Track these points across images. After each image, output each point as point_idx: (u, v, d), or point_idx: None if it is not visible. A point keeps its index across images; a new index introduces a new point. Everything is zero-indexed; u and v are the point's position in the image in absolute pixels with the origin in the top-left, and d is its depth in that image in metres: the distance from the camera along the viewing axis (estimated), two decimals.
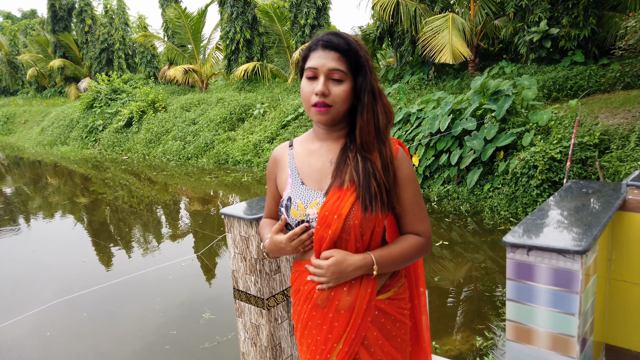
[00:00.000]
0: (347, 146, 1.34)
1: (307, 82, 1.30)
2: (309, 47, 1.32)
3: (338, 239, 1.29)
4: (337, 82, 1.27)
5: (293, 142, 1.48)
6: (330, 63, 1.26)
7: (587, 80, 9.20)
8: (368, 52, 1.32)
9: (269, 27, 16.56)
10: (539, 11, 10.01)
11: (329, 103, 1.27)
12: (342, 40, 1.27)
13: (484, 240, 6.07)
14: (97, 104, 17.06)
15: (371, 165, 1.29)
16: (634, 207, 1.76)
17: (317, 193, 1.34)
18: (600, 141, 6.55)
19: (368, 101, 1.29)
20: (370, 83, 1.29)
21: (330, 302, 1.32)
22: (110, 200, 10.14)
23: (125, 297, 4.98)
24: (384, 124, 1.31)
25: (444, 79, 11.70)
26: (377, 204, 1.27)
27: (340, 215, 1.27)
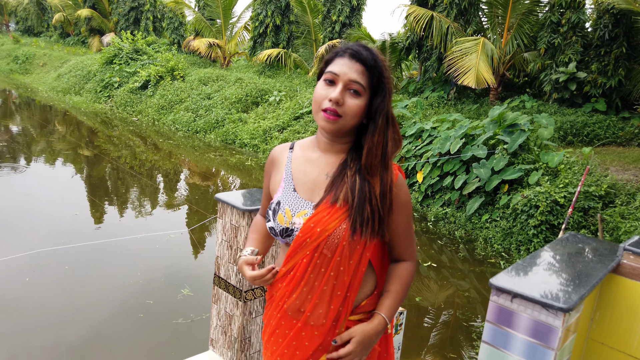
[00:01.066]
0: (347, 163, 1.31)
1: (324, 85, 1.27)
2: (335, 52, 1.29)
3: (320, 257, 1.26)
4: (354, 94, 1.24)
5: (294, 145, 1.44)
6: (353, 74, 1.24)
7: (604, 130, 9.15)
8: (391, 75, 1.30)
9: (300, 17, 16.49)
10: (570, 52, 9.95)
11: (340, 113, 1.24)
12: (370, 56, 1.25)
13: (472, 270, 6.05)
14: (117, 61, 17.03)
15: (369, 189, 1.26)
16: (627, 272, 1.74)
17: (307, 203, 1.31)
18: (606, 194, 6.51)
19: (382, 124, 1.26)
20: (387, 106, 1.27)
21: (301, 317, 1.30)
22: (113, 158, 10.14)
23: (109, 258, 4.99)
24: (391, 150, 1.29)
25: (464, 101, 11.65)
26: (368, 229, 1.24)
27: (324, 230, 1.24)
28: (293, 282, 1.30)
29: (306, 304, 1.29)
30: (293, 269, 1.30)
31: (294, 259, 1.29)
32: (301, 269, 1.29)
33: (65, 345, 3.48)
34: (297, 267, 1.29)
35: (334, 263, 1.26)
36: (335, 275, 1.27)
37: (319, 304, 1.28)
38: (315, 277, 1.28)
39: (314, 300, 1.28)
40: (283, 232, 1.32)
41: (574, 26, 9.93)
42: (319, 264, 1.27)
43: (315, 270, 1.28)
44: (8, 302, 3.95)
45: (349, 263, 1.27)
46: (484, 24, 12.16)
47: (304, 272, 1.28)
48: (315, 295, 1.28)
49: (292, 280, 1.30)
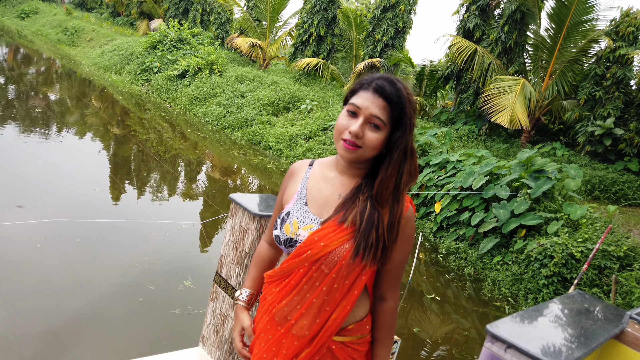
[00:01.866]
0: (361, 188, 1.34)
1: (346, 115, 1.31)
2: (360, 83, 1.32)
3: (317, 271, 1.29)
4: (374, 128, 1.27)
5: (314, 162, 1.49)
6: (374, 109, 1.26)
7: (634, 191, 8.93)
8: (415, 110, 1.32)
9: (344, 31, 16.64)
10: (610, 107, 9.78)
11: (359, 144, 1.28)
12: (394, 92, 1.26)
13: (476, 310, 5.95)
14: (160, 47, 17.43)
15: (377, 217, 1.28)
16: (629, 341, 1.69)
17: (316, 218, 1.35)
18: (625, 255, 6.33)
19: (397, 157, 1.28)
20: (406, 140, 1.29)
21: (286, 324, 1.33)
22: (140, 140, 10.34)
23: (120, 238, 5.07)
24: (405, 183, 1.31)
25: (494, 139, 11.54)
26: (370, 255, 1.26)
27: (327, 246, 1.28)
28: (286, 289, 1.33)
29: (293, 313, 1.32)
30: (288, 277, 1.34)
31: (291, 267, 1.32)
32: (296, 278, 1.32)
33: (60, 315, 3.55)
34: (293, 276, 1.33)
35: (329, 279, 1.29)
36: (327, 291, 1.30)
37: (305, 314, 1.30)
38: (308, 289, 1.31)
39: (302, 311, 1.31)
40: (287, 241, 1.35)
41: (618, 81, 9.77)
42: (315, 277, 1.30)
43: (309, 282, 1.30)
44: (15, 265, 4.05)
45: (344, 283, 1.29)
46: (526, 65, 12.05)
47: (298, 282, 1.31)
48: (304, 306, 1.31)
49: (286, 287, 1.34)
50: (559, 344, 1.43)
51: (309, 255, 1.29)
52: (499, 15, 12.05)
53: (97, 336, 3.44)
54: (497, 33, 11.51)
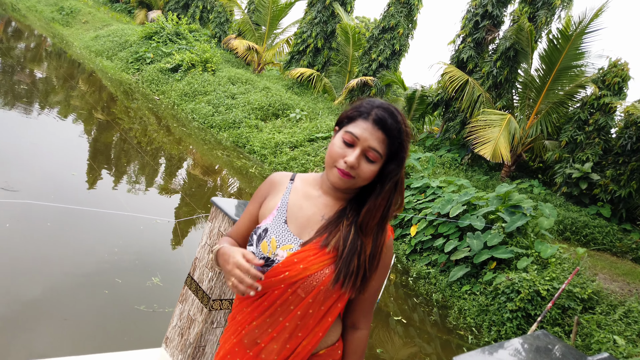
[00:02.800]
0: (345, 212, 1.30)
1: (342, 143, 1.26)
2: (359, 111, 1.27)
3: (293, 294, 1.25)
4: (370, 161, 1.24)
5: (295, 176, 1.42)
6: (373, 142, 1.23)
7: (603, 236, 9.16)
8: (409, 146, 1.30)
9: (341, 46, 16.80)
10: (589, 152, 10.06)
11: (353, 175, 1.24)
12: (395, 125, 1.24)
13: (440, 336, 5.99)
14: (156, 38, 17.31)
15: (361, 245, 1.25)
16: None
17: (295, 239, 1.29)
18: (588, 298, 6.48)
19: (389, 189, 1.26)
20: (399, 174, 1.27)
21: (255, 348, 1.29)
22: (124, 128, 10.20)
23: (92, 226, 4.97)
24: (391, 213, 1.29)
25: (475, 169, 11.74)
26: (350, 282, 1.23)
27: (306, 269, 1.23)
28: (259, 309, 1.28)
29: (264, 336, 1.27)
30: (262, 297, 1.27)
31: (265, 287, 1.26)
32: (270, 299, 1.26)
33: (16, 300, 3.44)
34: (267, 297, 1.27)
35: (305, 304, 1.24)
36: (301, 316, 1.25)
37: (276, 338, 1.26)
38: (281, 312, 1.26)
39: (273, 334, 1.26)
40: (263, 260, 1.29)
41: (599, 128, 10.07)
42: (290, 300, 1.25)
43: (284, 305, 1.25)
44: None
45: (320, 309, 1.26)
46: (514, 101, 12.34)
47: (272, 303, 1.26)
48: (275, 329, 1.26)
49: (258, 307, 1.28)
50: None
51: (286, 277, 1.24)
52: (493, 50, 12.34)
53: (53, 326, 3.34)
54: (489, 67, 11.78)
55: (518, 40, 11.29)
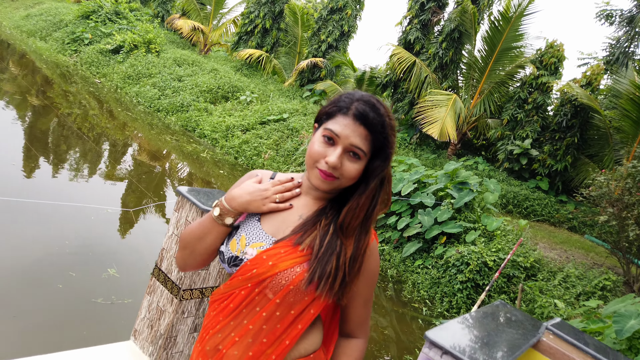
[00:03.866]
0: (325, 211, 1.20)
1: (322, 141, 1.16)
2: (339, 106, 1.16)
3: (260, 294, 1.15)
4: (354, 158, 1.14)
5: (276, 175, 1.32)
6: (355, 139, 1.12)
7: (542, 208, 9.76)
8: (396, 134, 1.19)
9: (290, 27, 16.61)
10: (529, 129, 10.60)
11: (336, 175, 1.14)
12: (378, 119, 1.13)
13: (395, 310, 6.22)
14: (94, 17, 16.37)
15: (340, 246, 1.14)
16: (543, 350, 1.88)
17: (268, 237, 1.19)
18: (531, 266, 6.93)
19: (373, 187, 1.17)
20: (384, 171, 1.18)
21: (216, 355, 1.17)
22: (62, 113, 9.67)
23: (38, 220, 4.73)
24: (377, 212, 1.19)
25: (424, 148, 12.09)
26: (326, 286, 1.11)
27: (274, 266, 1.12)
28: (223, 312, 1.18)
29: (226, 341, 1.16)
30: (228, 298, 1.18)
31: (232, 287, 1.17)
32: (236, 301, 1.16)
33: None
34: (233, 298, 1.17)
35: (272, 304, 1.13)
36: (266, 318, 1.14)
37: (237, 344, 1.14)
38: (246, 314, 1.15)
39: (234, 339, 1.15)
40: (231, 259, 1.19)
41: (538, 106, 10.62)
42: (257, 301, 1.14)
43: (249, 306, 1.15)
44: None
45: (289, 312, 1.14)
46: (459, 82, 12.74)
47: (237, 305, 1.16)
48: (238, 334, 1.15)
49: (223, 310, 1.18)
50: (488, 351, 1.57)
51: (253, 275, 1.13)
52: (439, 32, 12.63)
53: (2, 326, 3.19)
54: (435, 48, 12.06)
55: (462, 22, 11.61)
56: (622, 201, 6.35)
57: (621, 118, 9.74)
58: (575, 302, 6.28)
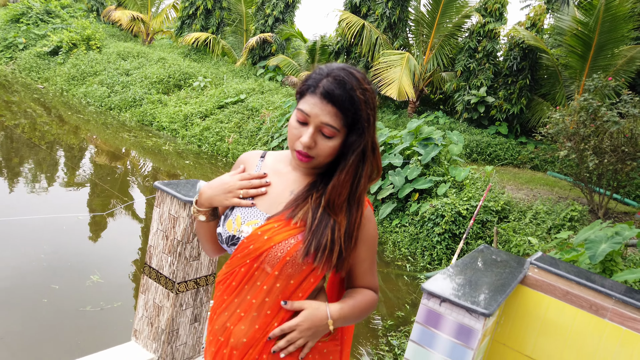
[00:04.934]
0: (316, 185, 1.22)
1: (296, 124, 1.17)
2: (307, 85, 1.17)
3: (258, 269, 1.18)
4: (327, 137, 1.15)
5: (266, 154, 1.36)
6: (325, 117, 1.12)
7: (504, 152, 10.08)
8: (374, 106, 1.18)
9: (233, 5, 16.16)
10: (482, 77, 10.82)
11: (312, 155, 1.16)
12: (345, 95, 1.11)
13: (380, 270, 6.38)
14: (24, 20, 15.45)
15: (334, 221, 1.17)
16: (530, 284, 2.00)
17: (261, 214, 1.22)
18: (502, 209, 7.21)
19: (353, 162, 1.17)
20: (364, 142, 1.17)
21: (225, 333, 1.21)
22: (8, 126, 9.22)
23: (8, 237, 4.56)
24: (363, 186, 1.20)
25: (384, 110, 12.19)
26: (323, 257, 1.14)
27: (270, 240, 1.16)
28: (227, 291, 1.22)
29: (233, 319, 1.20)
30: (230, 277, 1.22)
31: (232, 266, 1.21)
32: (238, 278, 1.20)
33: None
34: (234, 276, 1.21)
35: (272, 277, 1.16)
36: (268, 291, 1.17)
37: (243, 319, 1.18)
38: (249, 289, 1.19)
39: (240, 315, 1.19)
40: (229, 239, 1.23)
41: (488, 54, 10.82)
42: (257, 275, 1.18)
43: (250, 281, 1.19)
44: None
45: (289, 283, 1.17)
46: (409, 39, 12.80)
47: (240, 282, 1.20)
48: (243, 309, 1.19)
49: (227, 289, 1.22)
50: (482, 293, 1.65)
51: (250, 251, 1.17)
52: None
53: None
54: (382, 9, 12.03)
55: None
56: (578, 134, 6.63)
57: (567, 54, 10.06)
58: (548, 236, 6.60)
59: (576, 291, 1.92)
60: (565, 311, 1.94)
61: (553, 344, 1.98)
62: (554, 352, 1.98)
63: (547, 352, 2.00)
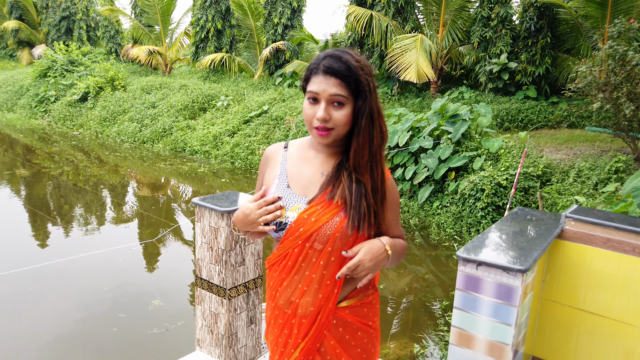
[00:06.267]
0: (343, 164, 1.36)
1: (309, 104, 1.32)
2: (310, 69, 1.34)
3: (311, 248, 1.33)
4: (338, 106, 1.29)
5: (288, 144, 1.49)
6: (331, 89, 1.27)
7: (537, 115, 9.82)
8: (371, 73, 1.33)
9: (242, 21, 16.46)
10: (501, 44, 10.59)
11: (330, 127, 1.30)
12: (343, 66, 1.27)
13: (428, 254, 6.37)
14: (51, 74, 16.29)
15: (363, 187, 1.32)
16: (569, 237, 2.00)
17: (301, 199, 1.35)
18: (543, 173, 7.04)
19: (365, 125, 1.31)
20: (370, 106, 1.31)
21: (291, 306, 1.36)
22: (54, 175, 9.75)
23: (71, 277, 4.87)
24: (377, 146, 1.34)
25: (407, 95, 12.10)
26: (365, 224, 1.31)
27: (318, 221, 1.30)
28: (285, 270, 1.36)
29: (296, 293, 1.34)
30: (285, 258, 1.35)
31: (285, 248, 1.34)
32: (293, 258, 1.34)
33: None
34: (289, 257, 1.34)
35: (325, 253, 1.31)
36: (325, 265, 1.32)
37: (307, 292, 1.33)
38: (306, 266, 1.33)
39: (303, 289, 1.33)
40: (277, 225, 1.35)
41: (502, 20, 10.58)
42: (310, 254, 1.32)
43: (306, 259, 1.33)
44: None
45: (340, 255, 1.32)
46: (420, 21, 12.66)
47: (295, 261, 1.34)
48: (304, 284, 1.33)
49: (284, 269, 1.36)
50: (517, 251, 1.68)
51: (301, 233, 1.31)
52: None
53: None
54: None
55: None
56: (609, 83, 6.41)
57: (585, 4, 9.71)
58: (595, 192, 6.41)
59: (617, 237, 1.91)
60: (609, 259, 1.93)
61: (603, 293, 1.97)
62: (605, 301, 1.97)
63: (598, 302, 1.99)
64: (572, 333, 2.06)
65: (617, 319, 1.95)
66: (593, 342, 2.01)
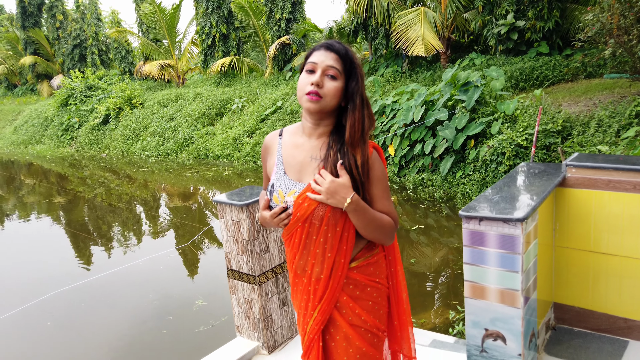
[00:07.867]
0: (330, 145, 1.51)
1: (306, 74, 1.47)
2: (313, 48, 1.52)
3: (310, 226, 1.50)
4: (332, 78, 1.45)
5: (283, 131, 1.64)
6: (329, 61, 1.45)
7: (551, 70, 9.64)
8: (362, 67, 1.50)
9: (245, 22, 16.62)
10: (506, 4, 10.40)
11: (321, 94, 1.44)
12: (342, 47, 1.47)
13: (457, 224, 6.41)
14: (72, 101, 16.88)
15: (353, 161, 1.47)
16: (572, 184, 2.07)
17: (296, 184, 1.52)
18: (562, 128, 6.96)
19: (359, 103, 1.47)
20: (361, 89, 1.48)
21: (306, 274, 1.55)
22: (89, 198, 10.17)
23: (118, 289, 5.17)
24: (368, 126, 1.49)
25: (417, 70, 12.04)
26: None
27: (310, 205, 1.47)
28: (294, 246, 1.56)
29: (307, 265, 1.54)
30: (292, 237, 1.56)
31: (290, 229, 1.54)
32: (298, 236, 1.53)
33: None
34: (295, 235, 1.54)
35: (322, 231, 1.49)
36: (324, 241, 1.50)
37: (315, 263, 1.52)
38: (310, 243, 1.52)
39: (312, 261, 1.53)
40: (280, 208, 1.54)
41: None
42: (311, 232, 1.51)
43: (309, 237, 1.52)
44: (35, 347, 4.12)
45: (336, 230, 1.49)
46: None
47: (300, 239, 1.53)
48: (311, 257, 1.53)
49: (294, 246, 1.56)
50: (517, 203, 1.77)
51: (299, 217, 1.48)
52: None
53: None
54: None
55: None
56: (620, 27, 6.28)
57: None
58: (617, 140, 6.31)
59: (617, 177, 1.97)
60: (613, 199, 1.99)
61: (611, 233, 2.04)
62: (615, 240, 2.03)
63: (608, 242, 2.05)
64: (587, 275, 2.13)
65: (629, 255, 2.01)
66: (608, 281, 2.08)
